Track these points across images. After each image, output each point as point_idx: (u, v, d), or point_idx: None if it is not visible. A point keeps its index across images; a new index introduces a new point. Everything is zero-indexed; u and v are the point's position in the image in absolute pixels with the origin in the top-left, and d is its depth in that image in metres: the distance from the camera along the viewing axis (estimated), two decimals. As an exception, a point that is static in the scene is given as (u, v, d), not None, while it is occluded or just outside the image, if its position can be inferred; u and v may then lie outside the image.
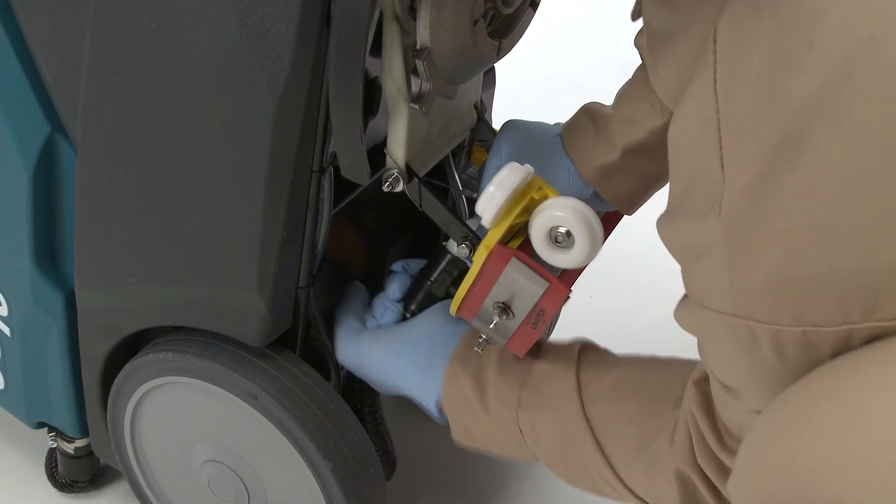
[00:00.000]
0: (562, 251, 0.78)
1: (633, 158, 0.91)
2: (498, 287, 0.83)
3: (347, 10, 0.71)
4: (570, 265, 0.79)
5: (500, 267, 0.82)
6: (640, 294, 1.44)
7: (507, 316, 0.84)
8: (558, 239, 0.76)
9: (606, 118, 0.92)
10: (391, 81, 0.80)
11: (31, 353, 1.01)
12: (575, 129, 0.93)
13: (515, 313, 0.84)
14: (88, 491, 1.14)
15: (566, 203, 0.76)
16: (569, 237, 0.75)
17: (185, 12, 0.75)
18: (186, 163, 0.81)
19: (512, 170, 0.78)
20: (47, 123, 0.90)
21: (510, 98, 1.18)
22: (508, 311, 0.84)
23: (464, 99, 0.95)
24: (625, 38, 2.07)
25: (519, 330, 0.85)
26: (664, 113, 0.89)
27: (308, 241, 0.85)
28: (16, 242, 0.94)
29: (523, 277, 0.82)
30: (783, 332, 0.57)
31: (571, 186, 0.92)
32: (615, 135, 0.91)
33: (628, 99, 0.92)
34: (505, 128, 0.96)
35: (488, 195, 0.77)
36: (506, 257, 0.81)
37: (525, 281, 0.82)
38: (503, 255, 0.81)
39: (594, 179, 0.92)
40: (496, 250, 0.81)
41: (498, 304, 0.84)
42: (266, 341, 0.87)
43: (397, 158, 0.85)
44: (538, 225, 0.76)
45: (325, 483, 0.89)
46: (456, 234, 0.89)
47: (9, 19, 0.86)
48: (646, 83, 0.90)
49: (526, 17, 0.85)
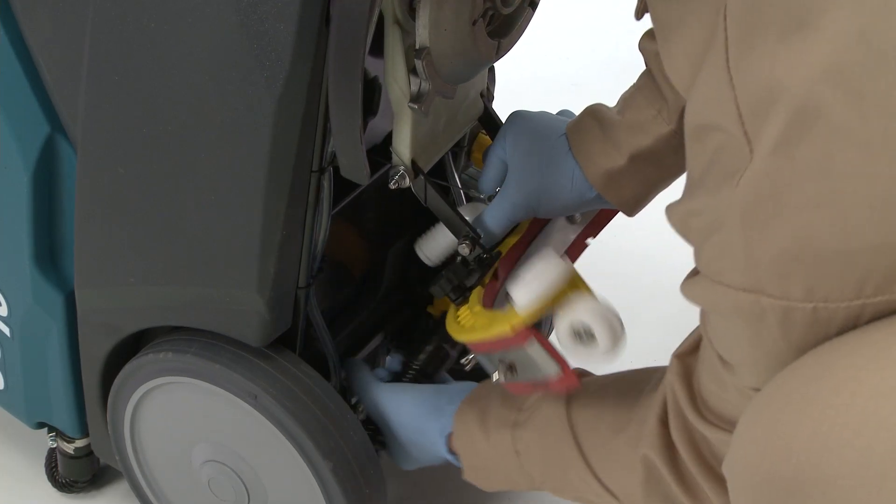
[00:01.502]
0: (584, 348, 0.79)
1: (640, 164, 0.91)
2: (509, 353, 0.84)
3: (347, 10, 0.71)
4: (590, 361, 0.80)
5: (518, 343, 0.82)
6: (640, 294, 1.44)
7: (510, 374, 0.85)
8: (581, 336, 0.77)
9: (613, 123, 0.92)
10: (395, 84, 0.80)
11: (31, 353, 1.01)
12: (581, 131, 0.93)
13: (519, 375, 0.85)
14: (88, 491, 1.14)
15: (591, 304, 0.77)
16: (591, 336, 0.76)
17: (185, 12, 0.75)
18: (186, 163, 0.81)
19: (552, 265, 0.77)
20: (47, 123, 0.90)
21: (510, 98, 1.18)
22: (513, 371, 0.84)
23: (471, 90, 0.95)
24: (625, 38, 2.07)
25: (517, 384, 0.85)
26: (671, 120, 0.89)
27: (308, 241, 0.85)
28: (16, 242, 0.94)
29: (537, 358, 0.82)
30: (793, 309, 0.56)
31: (575, 188, 0.92)
32: (622, 140, 0.91)
33: (634, 105, 0.92)
34: (511, 119, 0.96)
35: (525, 284, 0.77)
36: (525, 337, 0.81)
37: (538, 361, 0.82)
38: (524, 335, 0.81)
39: (600, 183, 0.92)
40: (520, 333, 0.81)
41: (503, 361, 0.85)
42: (266, 341, 0.87)
43: (403, 157, 0.85)
44: (563, 321, 0.77)
45: (325, 483, 0.89)
46: (457, 231, 0.89)
47: (9, 19, 0.86)
48: (650, 89, 0.90)
49: (525, 17, 0.85)
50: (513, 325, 0.81)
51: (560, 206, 0.93)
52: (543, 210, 0.93)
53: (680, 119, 0.89)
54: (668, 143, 0.90)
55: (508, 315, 0.82)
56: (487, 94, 1.00)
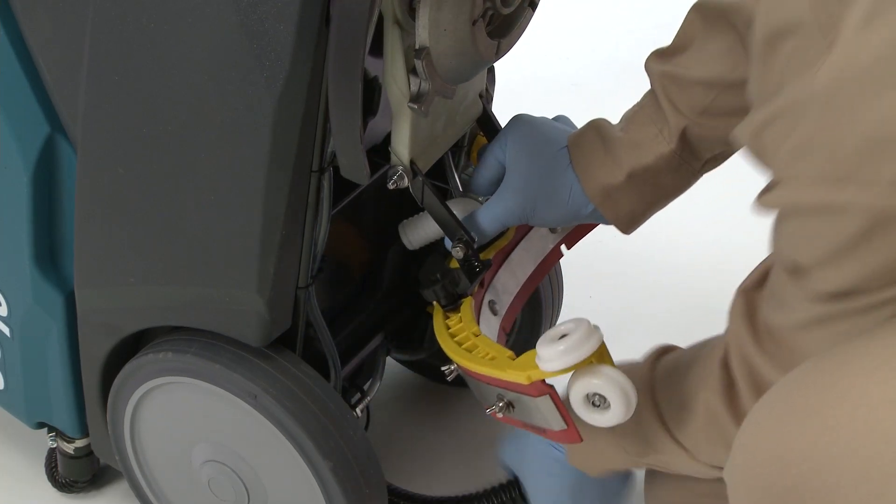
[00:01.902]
0: (597, 412, 0.79)
1: (638, 182, 0.91)
2: (511, 393, 0.83)
3: (347, 10, 0.71)
4: (602, 425, 0.80)
5: (529, 394, 0.81)
6: (640, 294, 1.44)
7: (507, 410, 0.84)
8: (595, 402, 0.77)
9: (615, 139, 0.92)
10: (394, 84, 0.80)
11: (31, 353, 1.01)
12: (583, 145, 0.93)
13: (516, 414, 0.84)
14: (88, 491, 1.14)
15: (612, 376, 0.77)
16: (605, 401, 0.76)
17: (185, 12, 0.75)
18: (186, 163, 0.81)
19: (590, 341, 0.76)
20: (47, 123, 0.90)
21: (510, 98, 1.18)
22: (510, 408, 0.84)
23: (469, 91, 0.95)
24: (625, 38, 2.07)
25: (513, 420, 0.85)
26: (671, 140, 0.90)
27: (308, 241, 0.85)
28: (16, 242, 0.94)
29: (545, 411, 0.82)
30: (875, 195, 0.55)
31: (572, 201, 0.93)
32: (622, 157, 0.91)
33: (636, 122, 0.92)
34: (514, 123, 0.96)
35: (559, 354, 0.76)
36: (539, 391, 0.80)
37: (545, 414, 0.82)
38: (539, 390, 0.80)
39: (597, 198, 0.92)
40: (535, 385, 0.80)
41: (503, 397, 0.84)
42: (266, 341, 0.87)
43: (402, 157, 0.85)
44: (580, 387, 0.77)
45: (325, 483, 0.89)
46: (452, 234, 0.90)
47: (9, 19, 0.86)
48: (653, 108, 0.91)
49: (525, 17, 0.85)
50: (530, 377, 0.80)
51: (555, 217, 0.94)
52: (538, 219, 0.93)
53: (680, 140, 0.90)
54: (667, 162, 0.91)
55: (527, 366, 0.80)
56: (486, 94, 1.00)
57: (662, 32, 0.98)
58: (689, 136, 0.90)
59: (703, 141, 0.90)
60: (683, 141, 0.90)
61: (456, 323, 0.91)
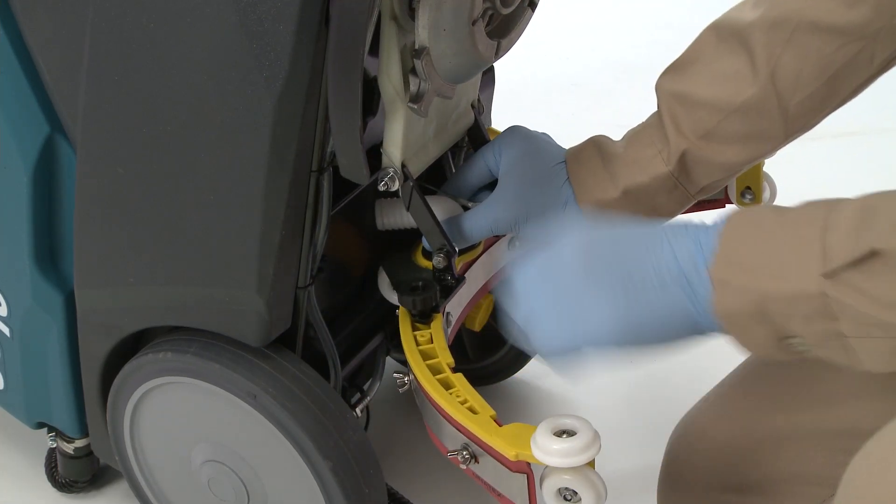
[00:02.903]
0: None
1: (632, 200, 0.91)
2: (484, 454, 0.81)
3: (346, 10, 0.71)
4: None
5: (507, 467, 0.79)
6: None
7: (470, 461, 0.82)
8: (567, 496, 0.77)
9: (614, 156, 0.92)
10: (388, 82, 0.80)
11: (31, 353, 1.01)
12: (582, 159, 0.93)
13: (478, 470, 0.82)
14: (88, 491, 1.14)
15: (585, 475, 0.76)
16: (576, 496, 0.76)
17: (185, 12, 0.75)
18: (186, 163, 0.81)
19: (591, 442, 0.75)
20: (47, 123, 0.90)
21: (510, 98, 1.18)
22: (474, 461, 0.82)
23: (461, 100, 0.95)
24: (625, 38, 2.07)
25: (473, 473, 0.83)
26: (669, 161, 0.90)
27: (307, 241, 0.85)
28: (16, 242, 0.94)
29: (514, 487, 0.80)
30: None
31: (566, 216, 0.92)
32: (619, 173, 0.91)
33: (637, 141, 0.92)
34: (510, 133, 0.95)
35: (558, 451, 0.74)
36: (520, 470, 0.79)
37: (512, 488, 0.80)
38: (519, 468, 0.79)
39: (591, 212, 0.92)
40: (518, 463, 0.79)
41: (469, 448, 0.82)
42: (266, 341, 0.87)
43: (393, 158, 0.85)
44: (554, 481, 0.77)
45: (324, 483, 0.89)
46: (434, 242, 0.89)
47: (8, 19, 0.86)
48: (656, 128, 0.91)
49: (525, 18, 0.85)
50: (518, 455, 0.78)
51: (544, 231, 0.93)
52: (526, 231, 0.93)
53: (679, 162, 0.90)
54: (663, 183, 0.91)
55: (517, 442, 0.78)
56: (478, 105, 1.00)
57: (662, 32, 0.98)
58: (688, 159, 0.90)
59: (702, 166, 0.90)
60: (682, 164, 0.90)
61: (426, 341, 0.89)
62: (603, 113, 1.77)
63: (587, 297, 0.70)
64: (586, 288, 0.70)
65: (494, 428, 0.80)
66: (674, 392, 1.05)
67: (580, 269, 0.71)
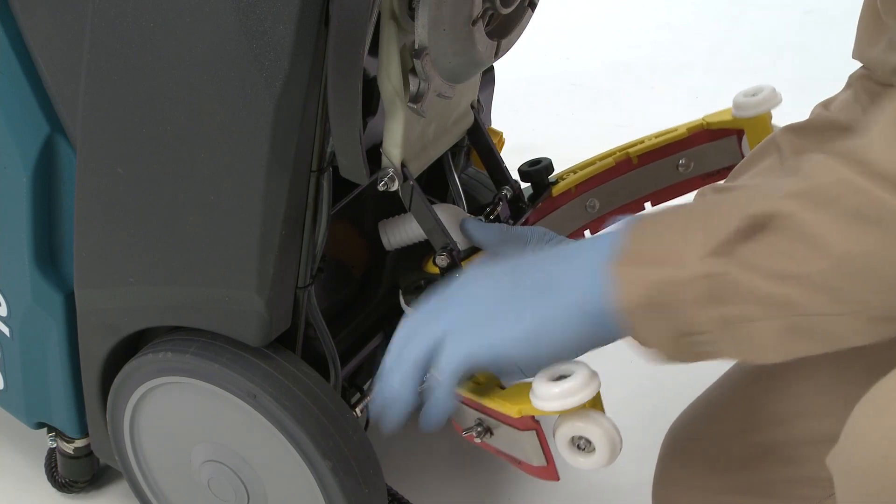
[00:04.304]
0: (581, 455, 0.78)
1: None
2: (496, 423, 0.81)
3: (346, 10, 0.72)
4: (587, 468, 0.79)
5: (514, 426, 0.80)
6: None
7: (486, 435, 0.82)
8: (580, 445, 0.77)
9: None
10: (388, 81, 0.80)
11: (31, 353, 1.01)
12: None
13: (494, 442, 0.82)
14: (88, 491, 1.14)
15: (600, 423, 0.76)
16: (590, 445, 0.76)
17: (185, 12, 0.75)
18: (186, 163, 0.81)
19: (590, 387, 0.75)
20: (47, 124, 0.90)
21: (510, 98, 1.18)
22: (489, 434, 0.82)
23: (460, 101, 0.95)
24: (625, 38, 2.07)
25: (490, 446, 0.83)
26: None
27: (307, 241, 0.85)
28: (16, 242, 0.94)
29: (528, 446, 0.80)
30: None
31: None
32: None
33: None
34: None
35: (556, 396, 0.74)
36: (525, 426, 0.79)
37: (527, 448, 0.80)
38: (526, 424, 0.79)
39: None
40: (523, 419, 0.79)
41: (483, 423, 0.82)
42: (265, 341, 0.87)
43: (393, 158, 0.85)
44: (565, 429, 0.77)
45: (324, 483, 0.89)
46: (437, 242, 0.89)
47: (8, 19, 0.86)
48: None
49: (524, 17, 0.85)
50: (521, 411, 0.78)
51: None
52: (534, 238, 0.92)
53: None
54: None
55: (519, 399, 0.79)
56: (478, 106, 1.00)
57: (662, 32, 0.98)
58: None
59: None
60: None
61: None
62: (603, 113, 1.77)
63: (497, 308, 0.73)
64: (497, 301, 0.73)
65: (496, 391, 0.81)
66: (674, 392, 1.05)
67: (495, 283, 0.74)
